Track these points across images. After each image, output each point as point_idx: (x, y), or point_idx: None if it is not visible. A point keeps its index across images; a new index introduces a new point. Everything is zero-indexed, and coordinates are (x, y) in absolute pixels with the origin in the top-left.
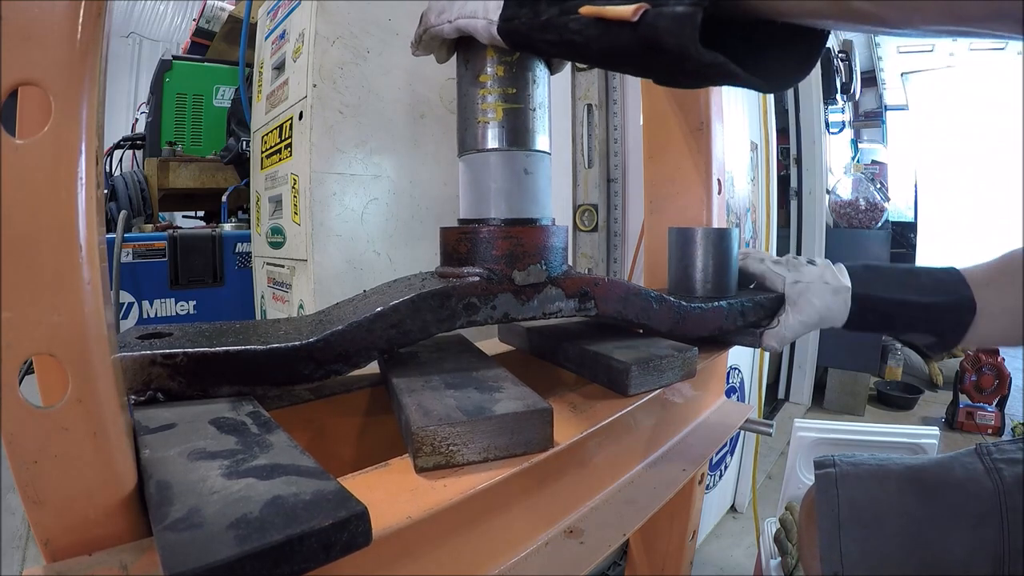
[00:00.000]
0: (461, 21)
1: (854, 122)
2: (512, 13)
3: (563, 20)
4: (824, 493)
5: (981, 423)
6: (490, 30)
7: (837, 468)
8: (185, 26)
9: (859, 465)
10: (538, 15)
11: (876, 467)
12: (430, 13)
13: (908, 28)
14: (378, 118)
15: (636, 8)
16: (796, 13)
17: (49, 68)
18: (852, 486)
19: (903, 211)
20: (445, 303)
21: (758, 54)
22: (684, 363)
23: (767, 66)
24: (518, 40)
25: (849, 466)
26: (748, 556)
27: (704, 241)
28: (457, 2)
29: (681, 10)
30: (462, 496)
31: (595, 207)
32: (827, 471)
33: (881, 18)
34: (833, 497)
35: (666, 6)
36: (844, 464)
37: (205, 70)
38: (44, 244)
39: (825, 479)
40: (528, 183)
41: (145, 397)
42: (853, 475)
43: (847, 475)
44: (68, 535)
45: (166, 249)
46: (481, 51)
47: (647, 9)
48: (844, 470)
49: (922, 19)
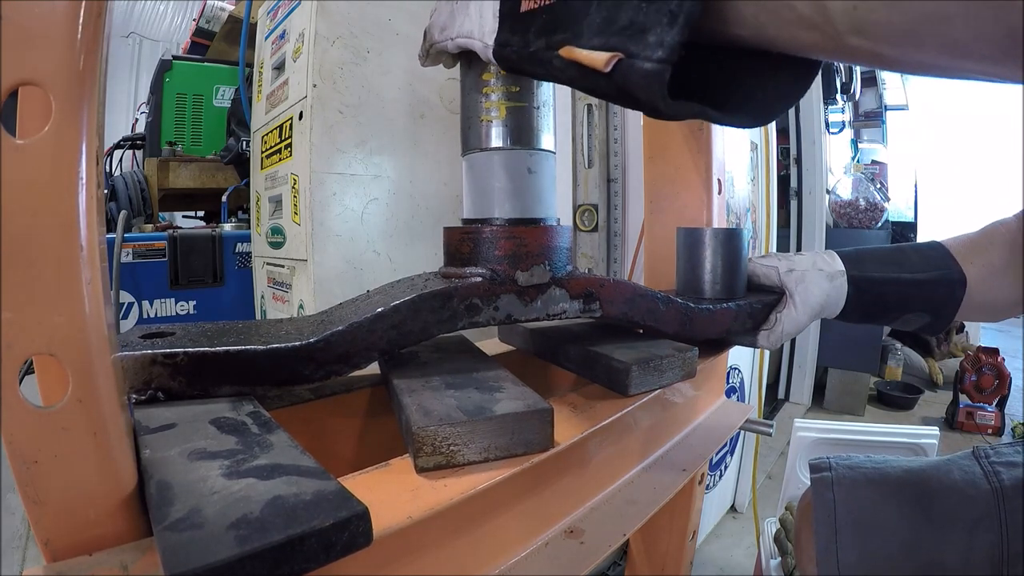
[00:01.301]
0: (461, 40)
1: (854, 122)
2: (505, 40)
3: (548, 55)
4: (820, 497)
5: (981, 423)
6: (486, 53)
7: (833, 472)
8: (185, 26)
9: (855, 468)
10: (527, 46)
11: (872, 470)
12: (433, 29)
13: (906, 67)
14: (378, 118)
15: (609, 59)
16: (788, 47)
17: (49, 68)
18: (848, 490)
19: (903, 211)
20: (447, 304)
21: (748, 76)
22: (684, 363)
23: (757, 88)
24: (511, 67)
25: (845, 469)
26: (748, 556)
27: (713, 241)
28: (457, 19)
29: (649, 67)
30: (463, 496)
31: (595, 207)
32: (823, 475)
33: (878, 55)
34: (829, 501)
35: (637, 59)
36: (840, 467)
37: (205, 70)
38: (44, 244)
39: (821, 483)
40: (532, 182)
41: (146, 396)
42: (849, 479)
43: (843, 479)
44: (68, 535)
45: (166, 249)
46: None
47: (620, 59)
48: (840, 473)
49: (921, 58)
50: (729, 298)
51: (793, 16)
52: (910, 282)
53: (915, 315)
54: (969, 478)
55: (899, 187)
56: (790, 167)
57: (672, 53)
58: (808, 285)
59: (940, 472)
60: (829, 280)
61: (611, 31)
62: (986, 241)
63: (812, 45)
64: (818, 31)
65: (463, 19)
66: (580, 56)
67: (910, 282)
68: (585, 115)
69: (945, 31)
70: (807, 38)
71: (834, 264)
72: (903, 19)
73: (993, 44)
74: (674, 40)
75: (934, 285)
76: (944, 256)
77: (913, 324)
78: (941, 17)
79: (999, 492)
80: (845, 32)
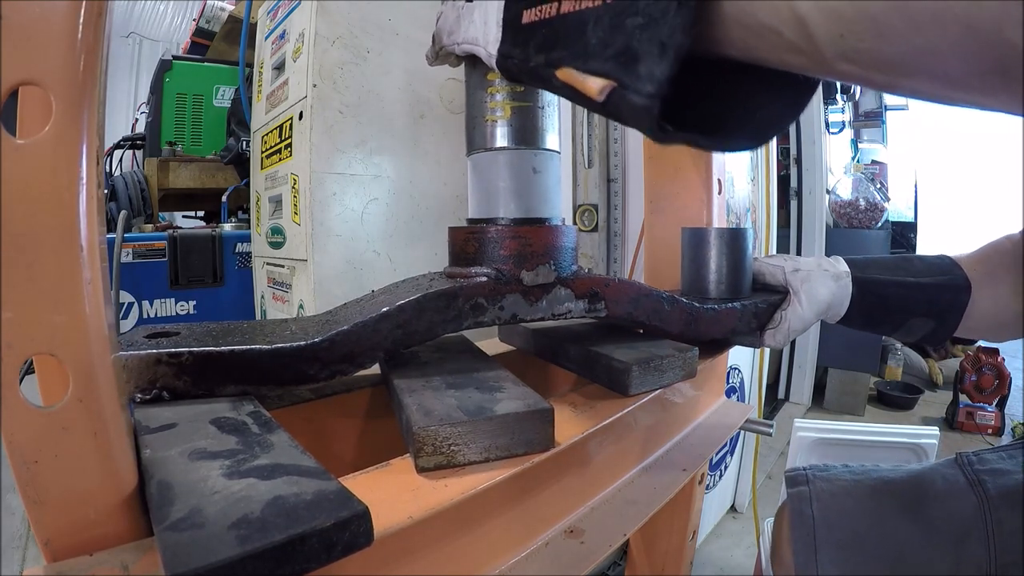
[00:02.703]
0: (467, 46)
1: (854, 122)
2: (507, 51)
3: (548, 73)
4: (798, 514)
5: (981, 423)
6: (490, 61)
7: (810, 485)
8: (185, 26)
9: (833, 480)
10: (528, 60)
11: (851, 482)
12: (441, 34)
13: (901, 92)
14: (378, 118)
15: (602, 88)
16: (780, 67)
17: (50, 68)
18: (827, 505)
19: (903, 211)
20: (451, 304)
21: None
22: (685, 363)
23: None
24: (513, 78)
25: (823, 482)
26: (748, 556)
27: (718, 241)
28: (462, 24)
29: (638, 101)
30: (463, 496)
31: (595, 207)
32: (799, 489)
33: (869, 80)
34: (808, 518)
35: (628, 90)
36: (817, 480)
37: (205, 70)
38: (44, 244)
39: (798, 498)
40: (537, 182)
41: (151, 396)
42: (827, 492)
43: (822, 493)
44: (68, 535)
45: (166, 249)
46: None
47: (613, 89)
48: (818, 488)
49: (913, 86)
50: (734, 298)
51: (780, 42)
52: (914, 285)
53: (919, 320)
54: (953, 488)
55: (899, 187)
56: (790, 167)
57: (661, 87)
58: (814, 284)
59: (923, 481)
60: (835, 280)
61: (606, 55)
62: (992, 252)
63: (802, 67)
64: (805, 56)
65: (468, 25)
66: (575, 81)
67: (914, 285)
68: (585, 115)
69: (935, 64)
70: (796, 61)
71: (839, 266)
72: (892, 51)
73: (984, 79)
74: (663, 75)
75: (939, 289)
76: (950, 264)
77: (917, 332)
78: (931, 51)
79: (985, 502)
80: (833, 59)
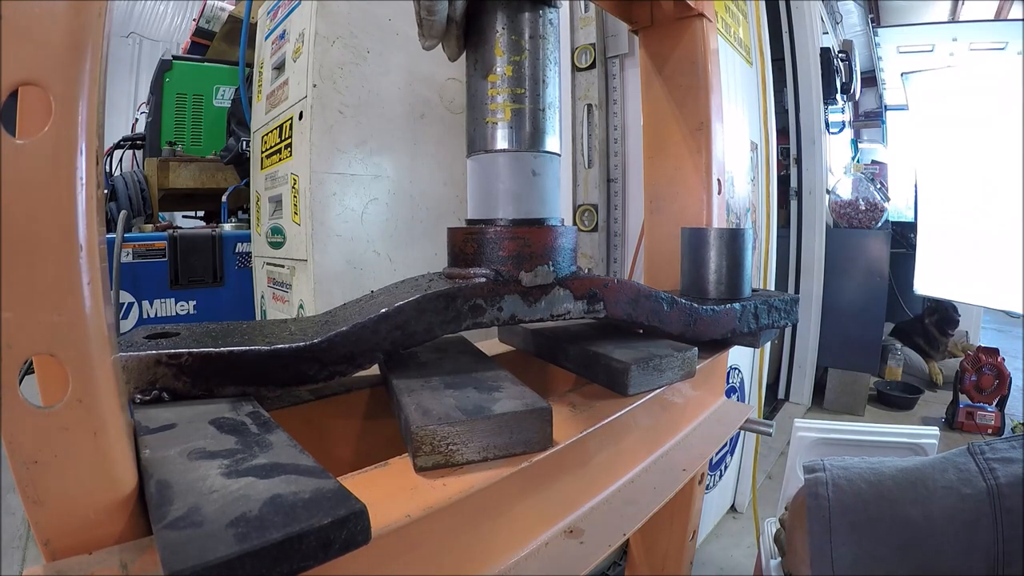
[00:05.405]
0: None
1: (854, 122)
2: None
3: None
4: (815, 497)
5: (981, 423)
6: None
7: (827, 472)
8: (185, 26)
9: (849, 468)
10: None
11: (867, 470)
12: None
13: None
14: (378, 118)
15: None
16: None
17: (49, 68)
18: (843, 489)
19: (903, 211)
20: (451, 304)
21: None
22: (684, 363)
23: None
24: None
25: (839, 469)
26: (748, 556)
27: (718, 242)
28: None
29: None
30: (461, 495)
31: (595, 207)
32: (817, 475)
33: None
34: (824, 500)
35: None
36: (834, 468)
37: (205, 70)
38: (44, 244)
39: (815, 482)
40: (536, 184)
41: (151, 396)
42: (844, 478)
43: (838, 478)
44: (68, 535)
45: (166, 249)
46: (491, 50)
47: None
48: (835, 473)
49: None
50: (733, 298)
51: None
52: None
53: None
54: (964, 476)
55: (899, 187)
56: (790, 167)
57: None
58: None
59: (935, 470)
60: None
61: None
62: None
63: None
64: None
65: None
66: None
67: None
68: (585, 115)
69: None
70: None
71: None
72: None
73: None
74: None
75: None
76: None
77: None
78: None
79: (994, 490)
80: None
